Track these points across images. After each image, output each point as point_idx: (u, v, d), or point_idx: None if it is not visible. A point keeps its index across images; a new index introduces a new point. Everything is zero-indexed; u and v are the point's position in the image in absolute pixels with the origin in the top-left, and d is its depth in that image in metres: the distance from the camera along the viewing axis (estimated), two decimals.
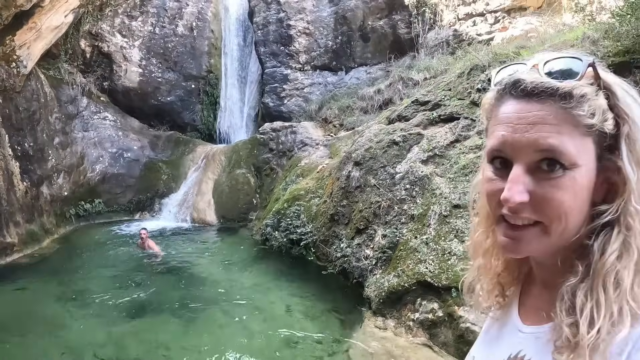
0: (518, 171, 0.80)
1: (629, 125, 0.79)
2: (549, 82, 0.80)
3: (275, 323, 6.63)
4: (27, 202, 10.45)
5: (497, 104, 0.88)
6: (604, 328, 0.74)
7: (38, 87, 11.67)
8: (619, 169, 0.79)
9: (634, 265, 0.76)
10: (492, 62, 8.01)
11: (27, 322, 6.61)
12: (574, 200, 0.78)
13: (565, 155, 0.77)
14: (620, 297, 0.75)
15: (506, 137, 0.82)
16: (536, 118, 0.79)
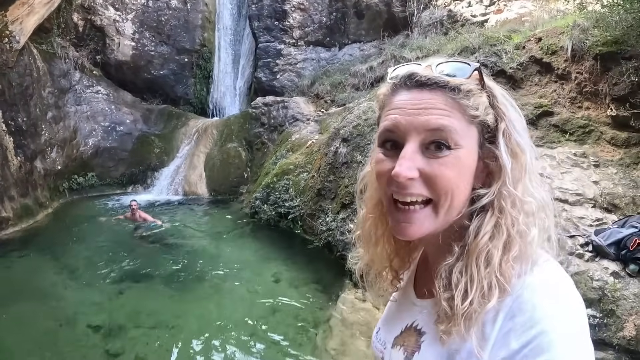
0: (409, 149, 0.86)
1: (506, 123, 0.90)
2: (441, 76, 0.89)
3: (260, 293, 6.85)
4: (21, 177, 10.51)
5: (391, 95, 0.95)
6: (476, 300, 0.83)
7: (31, 62, 11.61)
8: (496, 158, 0.90)
9: (502, 245, 0.86)
10: (483, 45, 8.10)
11: (22, 293, 6.77)
12: (459, 178, 0.87)
13: (452, 135, 0.85)
14: (490, 273, 0.84)
15: (399, 119, 0.89)
16: (428, 104, 0.87)
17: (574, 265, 4.39)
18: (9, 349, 5.30)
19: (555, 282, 0.84)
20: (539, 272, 0.84)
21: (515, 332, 0.79)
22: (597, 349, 3.62)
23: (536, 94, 6.95)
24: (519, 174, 0.90)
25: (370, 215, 1.10)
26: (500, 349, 0.79)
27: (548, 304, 0.79)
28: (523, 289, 0.82)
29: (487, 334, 0.82)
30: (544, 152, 6.23)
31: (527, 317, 0.79)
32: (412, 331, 1.02)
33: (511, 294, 0.83)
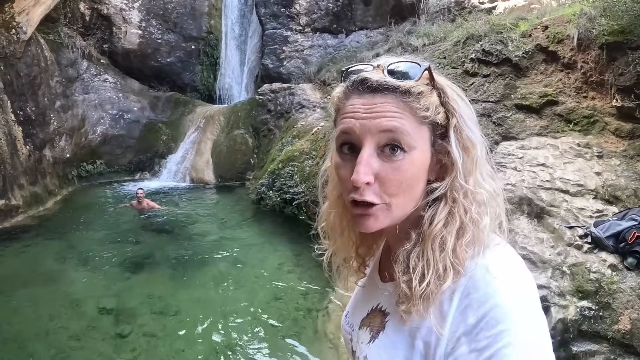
0: (365, 153, 0.89)
1: (457, 118, 0.94)
2: (392, 81, 0.92)
3: (265, 278, 6.96)
4: (30, 165, 10.66)
5: (345, 98, 0.98)
6: (432, 281, 0.88)
7: (38, 52, 11.71)
8: (448, 153, 0.94)
9: (456, 231, 0.91)
10: (489, 32, 8.02)
11: (32, 278, 6.92)
12: (412, 179, 0.91)
13: (404, 136, 0.89)
14: (445, 257, 0.89)
15: (354, 122, 0.92)
16: (380, 107, 0.90)
17: (572, 257, 4.40)
18: (21, 331, 5.45)
19: (505, 261, 0.89)
20: (490, 254, 0.90)
21: (471, 308, 0.83)
22: (591, 341, 3.68)
23: (541, 82, 6.89)
24: (471, 167, 0.95)
25: (334, 206, 1.13)
26: (459, 325, 0.84)
27: (499, 280, 0.84)
28: (476, 269, 0.87)
29: (445, 312, 0.87)
30: (547, 142, 6.21)
31: (481, 294, 0.84)
32: (377, 312, 1.07)
33: (465, 274, 0.88)
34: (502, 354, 0.77)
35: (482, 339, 0.79)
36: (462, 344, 0.82)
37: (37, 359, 4.96)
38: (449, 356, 0.84)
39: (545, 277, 4.36)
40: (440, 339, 0.86)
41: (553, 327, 3.95)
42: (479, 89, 7.44)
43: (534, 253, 4.62)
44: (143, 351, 5.11)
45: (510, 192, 5.43)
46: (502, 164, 6.07)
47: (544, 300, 4.19)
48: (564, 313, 4.01)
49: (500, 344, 0.77)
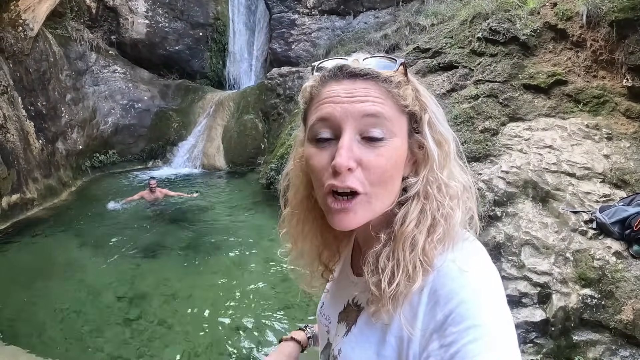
0: (346, 138, 0.87)
1: (429, 114, 0.94)
2: (373, 68, 0.91)
3: (274, 262, 6.99)
4: (43, 159, 10.78)
5: (319, 87, 0.95)
6: (402, 282, 0.87)
7: (46, 47, 11.78)
8: (422, 147, 0.94)
9: (427, 229, 0.89)
10: (496, 11, 7.85)
11: (49, 268, 7.05)
12: (393, 168, 0.90)
13: (387, 122, 0.88)
14: (415, 257, 0.88)
15: (335, 107, 0.89)
16: (363, 92, 0.89)
17: (576, 243, 4.32)
18: (39, 319, 5.58)
19: (472, 257, 0.89)
20: (458, 249, 0.89)
21: (439, 304, 0.83)
22: (593, 330, 3.62)
23: (550, 61, 6.74)
24: (444, 161, 0.95)
25: (295, 212, 1.11)
26: (430, 322, 0.84)
27: (466, 276, 0.84)
28: (444, 265, 0.87)
29: (415, 310, 0.87)
30: (555, 123, 6.08)
31: (447, 290, 0.83)
32: (352, 307, 1.06)
33: (433, 270, 0.87)
34: (467, 350, 0.77)
35: (449, 334, 0.80)
36: (433, 339, 0.82)
37: (54, 345, 5.07)
38: (423, 352, 0.84)
39: (548, 263, 4.31)
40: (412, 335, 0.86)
41: (554, 315, 3.91)
42: (485, 68, 7.30)
43: (537, 238, 4.56)
44: (156, 336, 5.22)
45: (515, 175, 5.36)
46: (508, 146, 5.99)
47: (546, 287, 4.14)
48: (566, 301, 3.95)
49: (465, 339, 0.77)
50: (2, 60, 10.00)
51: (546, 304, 4.07)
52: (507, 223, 4.93)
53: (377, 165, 0.87)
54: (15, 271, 6.96)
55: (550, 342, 3.88)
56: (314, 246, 1.15)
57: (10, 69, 10.27)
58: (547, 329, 3.94)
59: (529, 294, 4.18)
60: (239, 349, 4.97)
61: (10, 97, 9.96)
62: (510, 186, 5.26)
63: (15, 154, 9.56)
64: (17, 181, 9.37)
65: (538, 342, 3.89)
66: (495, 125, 6.38)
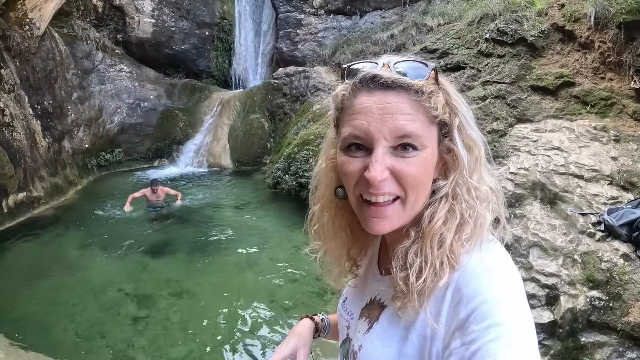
0: (379, 153, 0.88)
1: (459, 118, 0.95)
2: (404, 79, 0.90)
3: (280, 262, 7.04)
4: (50, 157, 10.86)
5: (351, 96, 0.95)
6: (429, 277, 0.89)
7: (53, 46, 11.85)
8: (451, 151, 0.95)
9: (455, 227, 0.92)
10: (503, 12, 7.87)
11: (56, 265, 7.12)
12: (424, 175, 0.92)
13: (419, 138, 0.89)
14: (442, 253, 0.90)
15: (367, 124, 0.90)
16: (395, 108, 0.89)
17: (584, 245, 4.33)
18: (45, 317, 5.62)
19: (495, 257, 0.91)
20: (482, 250, 0.91)
21: (462, 303, 0.85)
22: (600, 332, 3.63)
23: (557, 63, 6.74)
24: (474, 165, 0.96)
25: (327, 209, 1.15)
26: (453, 320, 0.86)
27: (488, 276, 0.86)
28: (468, 264, 0.89)
29: (439, 308, 0.89)
30: (563, 125, 6.09)
31: (471, 289, 0.85)
32: (375, 304, 1.09)
33: (458, 269, 0.89)
34: (487, 348, 0.78)
35: (471, 332, 0.81)
36: (456, 337, 0.84)
37: (59, 343, 5.11)
38: (446, 349, 0.85)
39: (556, 265, 4.31)
40: (436, 332, 0.88)
41: (562, 317, 3.92)
42: (493, 69, 7.31)
43: (546, 240, 4.56)
44: (161, 335, 5.25)
45: (523, 176, 5.37)
46: (516, 147, 6.00)
47: (554, 288, 4.14)
48: (574, 302, 3.96)
49: (486, 338, 0.79)
50: (8, 59, 10.05)
51: (554, 306, 4.08)
52: (515, 224, 4.94)
53: (409, 174, 0.89)
54: (22, 269, 7.02)
55: (558, 344, 3.89)
56: (343, 242, 1.17)
57: (17, 68, 10.33)
58: (554, 331, 3.95)
59: (537, 296, 4.19)
60: (244, 349, 4.99)
61: (17, 96, 10.02)
62: (519, 188, 5.27)
63: (22, 152, 9.62)
64: (23, 179, 9.43)
65: (546, 344, 3.90)
66: (503, 127, 6.39)
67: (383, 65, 0.94)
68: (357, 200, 0.96)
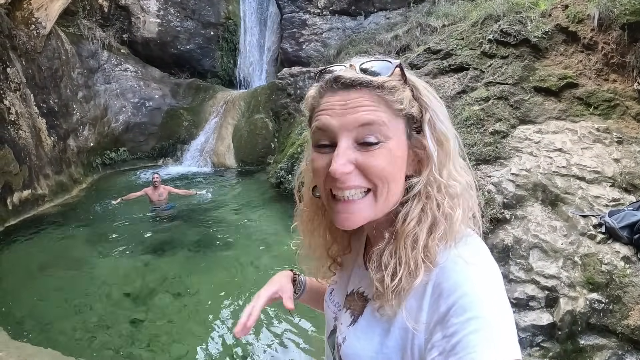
0: (342, 145, 0.91)
1: (430, 113, 0.96)
2: (365, 77, 0.94)
3: (282, 260, 7.02)
4: (55, 156, 10.97)
5: (319, 97, 0.99)
6: (404, 278, 0.91)
7: (58, 45, 11.97)
8: (424, 147, 0.96)
9: (428, 227, 0.93)
10: (507, 13, 7.85)
11: (59, 263, 7.16)
12: (392, 166, 0.92)
13: (381, 127, 0.91)
14: (416, 254, 0.91)
15: (330, 118, 0.94)
16: (355, 102, 0.92)
17: (585, 247, 4.31)
18: (48, 314, 5.67)
19: (473, 252, 0.92)
20: (461, 246, 0.92)
21: (442, 296, 0.86)
22: (599, 335, 3.61)
23: (561, 64, 6.71)
24: (444, 160, 0.97)
25: (306, 208, 1.18)
26: (434, 314, 0.87)
27: (468, 269, 0.87)
28: (447, 260, 0.90)
29: (420, 303, 0.90)
30: (565, 126, 6.06)
31: (451, 283, 0.87)
32: (359, 296, 1.10)
33: (437, 266, 0.91)
34: (468, 340, 0.79)
35: (451, 325, 0.82)
36: (437, 330, 0.85)
37: (62, 340, 5.14)
38: (428, 342, 0.87)
39: (557, 266, 4.30)
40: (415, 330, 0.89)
41: (561, 319, 3.90)
42: (496, 70, 7.28)
43: (546, 242, 4.55)
44: (164, 332, 5.28)
45: (525, 178, 5.35)
46: (518, 149, 5.97)
47: (554, 290, 4.13)
48: (573, 305, 3.94)
49: (466, 330, 0.80)
50: (14, 58, 10.13)
51: (553, 308, 4.07)
52: (516, 226, 4.93)
53: (374, 165, 0.91)
54: (26, 266, 7.07)
55: (557, 346, 3.88)
56: (323, 241, 1.20)
57: (23, 67, 10.43)
58: (554, 333, 3.93)
59: (536, 297, 4.18)
60: (246, 347, 5.00)
61: (23, 94, 10.11)
62: (520, 189, 5.25)
63: (27, 150, 9.71)
64: (28, 177, 9.52)
65: (544, 346, 3.89)
66: (506, 128, 6.36)
67: (350, 67, 0.97)
68: (327, 196, 0.98)
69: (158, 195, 9.58)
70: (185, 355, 4.89)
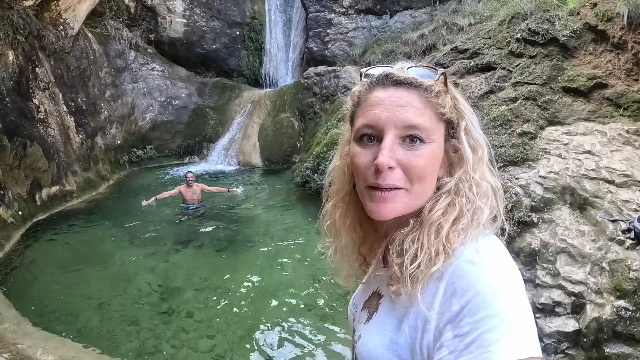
0: (388, 141, 0.95)
1: (466, 121, 1.03)
2: (415, 77, 1.00)
3: (306, 261, 7.12)
4: (83, 153, 11.27)
5: (366, 93, 1.04)
6: (423, 263, 0.92)
7: (86, 45, 12.28)
8: (457, 150, 1.02)
9: (453, 219, 0.96)
10: (535, 11, 7.74)
11: (86, 257, 7.33)
12: (431, 167, 0.98)
13: (426, 131, 0.96)
14: (439, 242, 0.93)
15: (379, 114, 0.98)
16: (405, 101, 0.97)
17: (613, 252, 4.24)
18: (75, 307, 5.83)
19: (490, 250, 0.92)
20: (478, 243, 0.93)
21: (455, 295, 0.86)
22: (625, 344, 3.56)
23: (590, 64, 6.59)
24: (477, 165, 1.02)
25: (339, 205, 1.19)
26: (445, 312, 0.87)
27: (482, 268, 0.88)
28: (462, 255, 0.91)
29: (432, 299, 0.90)
30: (594, 128, 5.95)
31: (464, 282, 0.87)
32: (375, 296, 1.12)
33: (452, 260, 0.91)
34: (483, 339, 0.79)
35: (465, 325, 0.82)
36: (447, 330, 0.85)
37: (89, 332, 5.30)
38: (436, 341, 0.87)
39: (584, 272, 4.24)
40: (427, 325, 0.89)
41: (587, 326, 3.85)
42: (524, 70, 7.20)
43: (574, 246, 4.49)
44: (186, 327, 5.39)
45: (553, 180, 5.28)
46: (547, 150, 5.90)
47: (580, 296, 4.07)
48: (600, 312, 3.89)
49: (481, 329, 0.80)
50: (43, 58, 10.42)
51: (579, 314, 4.01)
52: (543, 230, 4.87)
53: (416, 165, 0.95)
54: (54, 261, 7.25)
55: (582, 354, 3.83)
56: (354, 238, 1.21)
57: (52, 66, 10.73)
58: (579, 340, 3.88)
59: (562, 303, 4.13)
60: (268, 344, 5.07)
61: (52, 93, 10.41)
62: (548, 192, 5.19)
63: (56, 147, 10.00)
64: (57, 174, 9.78)
65: (569, 353, 3.85)
66: (534, 129, 6.28)
67: (398, 69, 1.03)
68: (366, 189, 1.00)
69: (192, 193, 9.59)
70: (212, 350, 4.97)
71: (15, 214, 8.27)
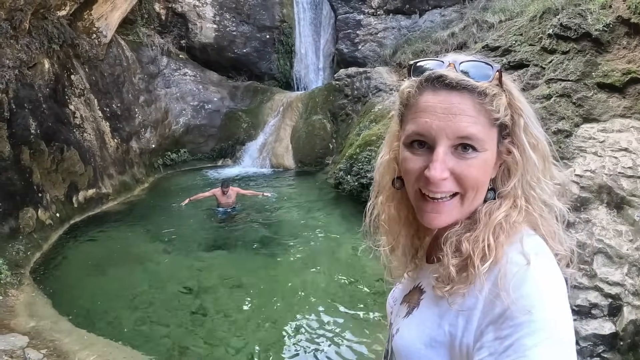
0: (440, 152, 0.92)
1: (524, 119, 0.97)
2: (470, 80, 0.94)
3: (340, 262, 7.17)
4: (118, 157, 11.56)
5: (417, 94, 0.99)
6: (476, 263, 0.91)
7: (119, 53, 12.58)
8: (510, 152, 0.98)
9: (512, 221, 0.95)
10: (566, 5, 7.60)
11: (121, 258, 7.51)
12: (483, 176, 0.96)
13: (479, 141, 0.93)
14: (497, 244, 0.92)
15: (430, 123, 0.94)
16: (458, 109, 0.92)
17: None
18: (110, 306, 6.00)
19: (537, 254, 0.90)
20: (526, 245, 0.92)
21: (499, 297, 0.86)
22: None
23: (624, 58, 6.44)
24: (542, 164, 0.99)
25: (391, 200, 1.17)
26: (488, 313, 0.88)
27: (528, 272, 0.87)
28: (509, 258, 0.90)
29: (476, 300, 0.91)
30: (631, 124, 5.83)
31: (510, 284, 0.86)
32: (416, 290, 1.12)
33: (499, 262, 0.91)
34: (521, 343, 0.80)
35: (506, 327, 0.83)
36: (489, 331, 0.85)
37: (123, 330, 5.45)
38: (477, 342, 0.87)
39: (621, 273, 4.17)
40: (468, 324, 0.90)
41: (624, 329, 3.79)
42: (557, 67, 7.10)
43: (611, 247, 4.42)
44: (219, 327, 5.49)
45: (589, 179, 5.20)
46: (582, 148, 5.81)
47: (617, 298, 4.01)
48: (637, 314, 3.82)
49: (520, 333, 0.81)
50: (78, 65, 10.76)
51: (616, 317, 3.95)
52: (579, 230, 4.81)
53: (469, 174, 0.94)
54: (90, 261, 7.44)
55: (618, 357, 3.77)
56: (409, 229, 1.19)
57: (86, 74, 11.07)
58: (615, 343, 3.82)
59: (599, 305, 4.08)
60: (301, 347, 5.12)
61: (87, 100, 10.74)
62: (584, 191, 5.12)
63: (92, 151, 10.31)
64: (93, 177, 10.07)
65: (605, 357, 3.79)
66: (569, 127, 6.20)
67: (449, 65, 0.98)
68: (416, 194, 1.00)
69: (226, 197, 9.66)
70: (244, 348, 5.06)
71: (53, 216, 8.51)
